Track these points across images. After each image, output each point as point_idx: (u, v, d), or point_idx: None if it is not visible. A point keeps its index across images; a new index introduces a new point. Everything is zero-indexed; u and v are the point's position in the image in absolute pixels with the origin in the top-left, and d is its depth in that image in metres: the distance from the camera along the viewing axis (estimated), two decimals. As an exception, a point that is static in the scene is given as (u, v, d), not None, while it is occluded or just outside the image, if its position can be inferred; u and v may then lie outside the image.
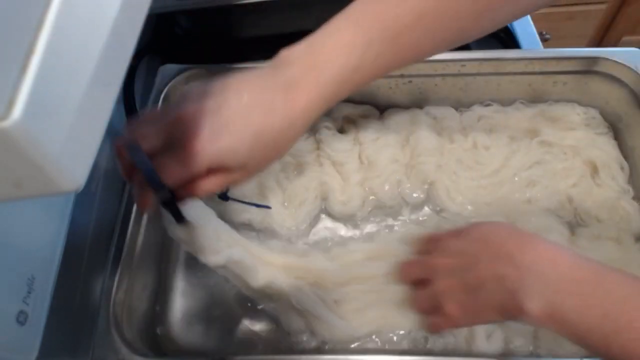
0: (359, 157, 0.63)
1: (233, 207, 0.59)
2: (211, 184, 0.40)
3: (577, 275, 0.38)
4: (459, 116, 0.66)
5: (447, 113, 0.66)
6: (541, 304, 0.38)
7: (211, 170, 0.39)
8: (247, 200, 0.57)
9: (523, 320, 0.40)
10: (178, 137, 0.37)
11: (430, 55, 0.44)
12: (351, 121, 0.66)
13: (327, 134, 0.64)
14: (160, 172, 0.37)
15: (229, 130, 0.37)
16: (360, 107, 0.67)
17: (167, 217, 0.44)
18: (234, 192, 0.57)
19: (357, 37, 0.40)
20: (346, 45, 0.40)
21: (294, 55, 0.41)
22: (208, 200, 0.60)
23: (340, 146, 0.63)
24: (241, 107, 0.38)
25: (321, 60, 0.40)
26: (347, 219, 0.61)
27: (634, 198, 0.59)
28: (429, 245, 0.50)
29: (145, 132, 0.39)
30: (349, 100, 0.66)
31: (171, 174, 0.38)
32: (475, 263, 0.43)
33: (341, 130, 0.66)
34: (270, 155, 0.41)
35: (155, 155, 0.38)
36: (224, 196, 0.57)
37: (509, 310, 0.40)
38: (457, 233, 0.47)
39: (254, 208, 0.58)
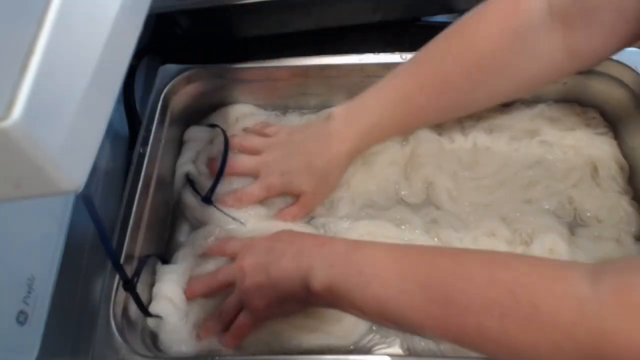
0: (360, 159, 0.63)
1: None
2: (293, 209, 0.59)
3: (344, 249, 0.45)
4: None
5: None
6: (321, 280, 0.44)
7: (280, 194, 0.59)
8: (225, 211, 0.58)
9: (313, 302, 0.46)
10: (263, 173, 0.58)
11: (436, 121, 0.62)
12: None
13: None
14: (245, 193, 0.58)
15: (296, 172, 0.58)
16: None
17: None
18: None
19: (376, 101, 0.57)
20: (369, 107, 0.57)
21: (339, 113, 0.58)
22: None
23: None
24: (305, 156, 0.58)
25: (353, 118, 0.57)
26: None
27: (633, 198, 0.59)
28: (223, 246, 0.55)
29: (243, 164, 0.60)
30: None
31: (252, 194, 0.58)
32: (279, 258, 0.48)
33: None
34: (325, 189, 0.60)
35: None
36: (207, 200, 0.59)
37: (303, 294, 0.46)
38: (265, 238, 0.52)
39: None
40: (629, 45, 0.50)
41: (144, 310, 0.51)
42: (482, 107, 0.60)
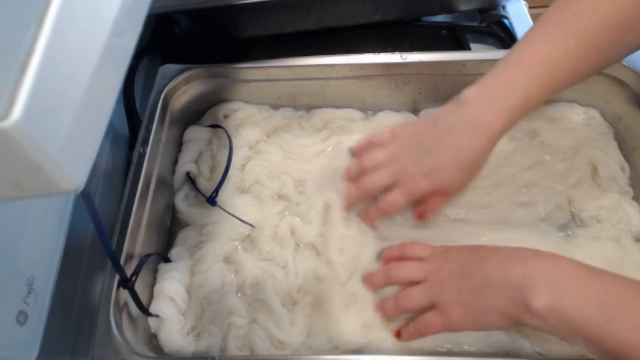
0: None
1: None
2: (433, 205, 0.55)
3: (576, 271, 0.41)
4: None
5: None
6: (546, 299, 0.39)
7: (431, 194, 0.53)
8: (231, 213, 0.58)
9: (525, 320, 0.41)
10: (402, 179, 0.53)
11: (582, 79, 0.52)
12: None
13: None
14: (388, 203, 0.54)
15: (440, 170, 0.52)
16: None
17: None
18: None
19: (518, 74, 0.50)
20: (511, 82, 0.50)
21: (473, 95, 0.51)
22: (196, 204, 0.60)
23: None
24: (445, 151, 0.51)
25: (495, 97, 0.50)
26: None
27: (633, 198, 0.59)
28: (405, 249, 0.53)
29: (377, 179, 0.55)
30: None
31: (397, 202, 0.54)
32: (481, 263, 0.44)
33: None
34: (469, 178, 0.53)
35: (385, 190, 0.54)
36: (211, 201, 0.58)
37: (513, 310, 0.42)
38: (445, 247, 0.50)
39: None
40: None
41: (144, 309, 0.51)
42: (610, 65, 0.54)
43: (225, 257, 0.57)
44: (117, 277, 0.49)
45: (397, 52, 0.64)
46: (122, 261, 0.50)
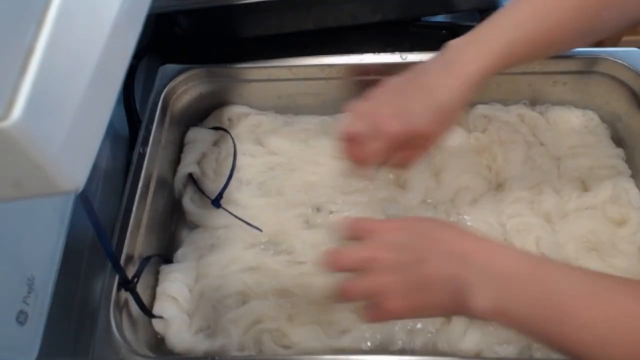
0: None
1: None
2: (408, 155, 0.52)
3: (518, 269, 0.39)
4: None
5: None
6: (487, 302, 0.38)
7: (404, 147, 0.51)
8: (236, 215, 0.58)
9: (469, 317, 0.42)
10: (378, 124, 0.49)
11: (569, 46, 0.55)
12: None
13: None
14: (370, 150, 0.50)
15: (413, 113, 0.49)
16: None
17: None
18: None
19: (508, 19, 0.50)
20: (499, 26, 0.49)
21: (456, 41, 0.50)
22: (200, 206, 0.60)
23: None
24: (418, 93, 0.49)
25: (480, 39, 0.49)
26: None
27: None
28: (361, 233, 0.47)
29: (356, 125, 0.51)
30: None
31: (376, 148, 0.50)
32: (422, 261, 0.42)
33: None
34: (443, 121, 0.50)
35: (364, 139, 0.50)
36: (216, 203, 0.58)
37: (454, 308, 0.41)
38: (396, 225, 0.46)
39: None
40: None
41: (146, 311, 0.51)
42: (606, 33, 0.52)
43: (244, 262, 0.56)
44: (117, 279, 0.49)
45: (397, 52, 0.64)
46: (122, 262, 0.50)
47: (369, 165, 0.52)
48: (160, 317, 0.52)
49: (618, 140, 0.64)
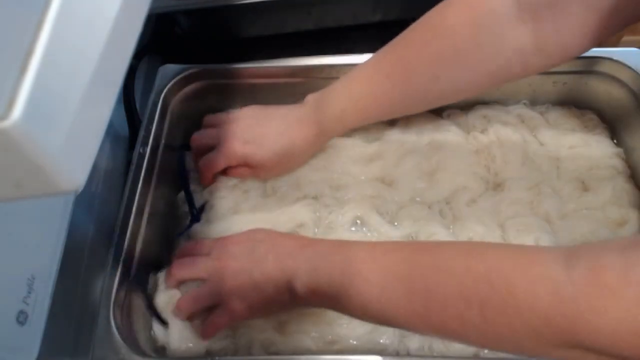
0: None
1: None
2: (239, 172, 0.60)
3: (326, 249, 0.46)
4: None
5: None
6: (305, 283, 0.45)
7: (241, 165, 0.59)
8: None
9: (300, 304, 0.48)
10: (224, 139, 0.58)
11: (404, 111, 0.61)
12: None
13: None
14: (207, 162, 0.59)
15: (258, 144, 0.57)
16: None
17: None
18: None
19: (344, 88, 0.57)
20: (337, 94, 0.57)
21: (311, 99, 0.59)
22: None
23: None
24: (271, 130, 0.58)
25: (323, 104, 0.58)
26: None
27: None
28: (191, 247, 0.54)
29: (204, 136, 0.61)
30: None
31: (214, 162, 0.59)
32: (261, 262, 0.48)
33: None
34: (284, 169, 0.60)
35: (208, 150, 0.60)
36: (196, 217, 0.59)
37: (290, 300, 0.47)
38: (237, 239, 0.52)
39: None
40: (602, 40, 0.48)
41: (162, 320, 0.52)
42: (449, 98, 0.59)
43: None
44: (117, 278, 0.49)
45: (397, 52, 0.64)
46: (121, 262, 0.50)
47: (210, 172, 0.60)
48: (165, 324, 0.52)
49: (618, 140, 0.64)
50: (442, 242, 0.53)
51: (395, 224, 0.58)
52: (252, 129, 0.58)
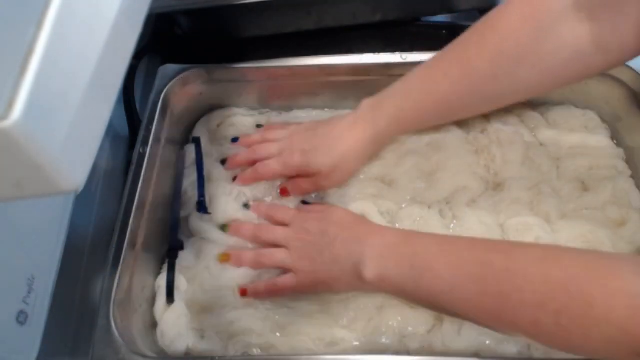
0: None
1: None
2: (299, 185, 0.60)
3: (394, 240, 0.49)
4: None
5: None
6: (373, 270, 0.47)
7: (299, 175, 0.60)
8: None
9: (366, 289, 0.50)
10: (282, 151, 0.60)
11: (460, 114, 0.61)
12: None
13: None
14: (264, 166, 0.60)
15: (314, 152, 0.58)
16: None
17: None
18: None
19: (401, 89, 0.57)
20: (394, 94, 0.57)
21: (366, 101, 0.59)
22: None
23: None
24: (326, 138, 0.58)
25: (378, 106, 0.58)
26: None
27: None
28: (273, 211, 0.58)
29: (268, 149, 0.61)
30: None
31: (272, 166, 0.60)
32: (330, 243, 0.51)
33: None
34: (343, 175, 0.60)
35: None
36: (203, 210, 0.59)
37: (355, 282, 0.49)
38: (312, 216, 0.55)
39: None
40: None
41: (171, 292, 0.54)
42: (507, 100, 0.58)
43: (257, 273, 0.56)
44: (117, 278, 0.49)
45: (397, 52, 0.64)
46: (121, 261, 0.50)
47: (261, 179, 0.61)
48: (172, 301, 0.53)
49: (618, 140, 0.64)
50: (515, 243, 0.53)
51: (396, 224, 0.58)
52: (310, 140, 0.59)
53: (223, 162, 0.63)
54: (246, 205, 0.60)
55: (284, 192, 0.60)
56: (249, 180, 0.61)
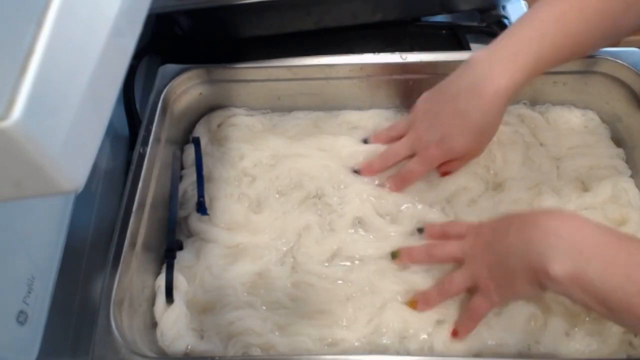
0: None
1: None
2: (450, 167, 0.58)
3: (601, 239, 0.40)
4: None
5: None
6: (566, 266, 0.40)
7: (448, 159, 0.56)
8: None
9: (548, 286, 0.42)
10: (417, 149, 0.57)
11: (587, 52, 0.56)
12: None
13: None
14: (407, 172, 0.58)
15: (450, 137, 0.54)
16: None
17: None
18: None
19: (532, 30, 0.50)
20: (525, 38, 0.50)
21: (480, 56, 0.52)
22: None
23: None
24: (453, 118, 0.53)
25: (506, 53, 0.50)
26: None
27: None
28: (448, 227, 0.54)
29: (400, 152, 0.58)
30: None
31: (415, 170, 0.57)
32: (503, 235, 0.45)
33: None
34: (487, 140, 0.55)
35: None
36: (203, 211, 0.59)
37: (536, 275, 0.42)
38: (484, 230, 0.50)
39: None
40: None
41: (170, 292, 0.53)
42: (629, 32, 0.53)
43: (256, 273, 0.56)
44: (117, 278, 0.49)
45: (397, 52, 0.64)
46: (121, 261, 0.50)
47: (410, 182, 0.58)
48: (172, 301, 0.53)
49: (618, 140, 0.64)
50: None
51: (396, 224, 0.58)
52: (436, 128, 0.54)
53: (356, 172, 0.61)
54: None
55: (444, 175, 0.59)
56: (401, 186, 0.59)
